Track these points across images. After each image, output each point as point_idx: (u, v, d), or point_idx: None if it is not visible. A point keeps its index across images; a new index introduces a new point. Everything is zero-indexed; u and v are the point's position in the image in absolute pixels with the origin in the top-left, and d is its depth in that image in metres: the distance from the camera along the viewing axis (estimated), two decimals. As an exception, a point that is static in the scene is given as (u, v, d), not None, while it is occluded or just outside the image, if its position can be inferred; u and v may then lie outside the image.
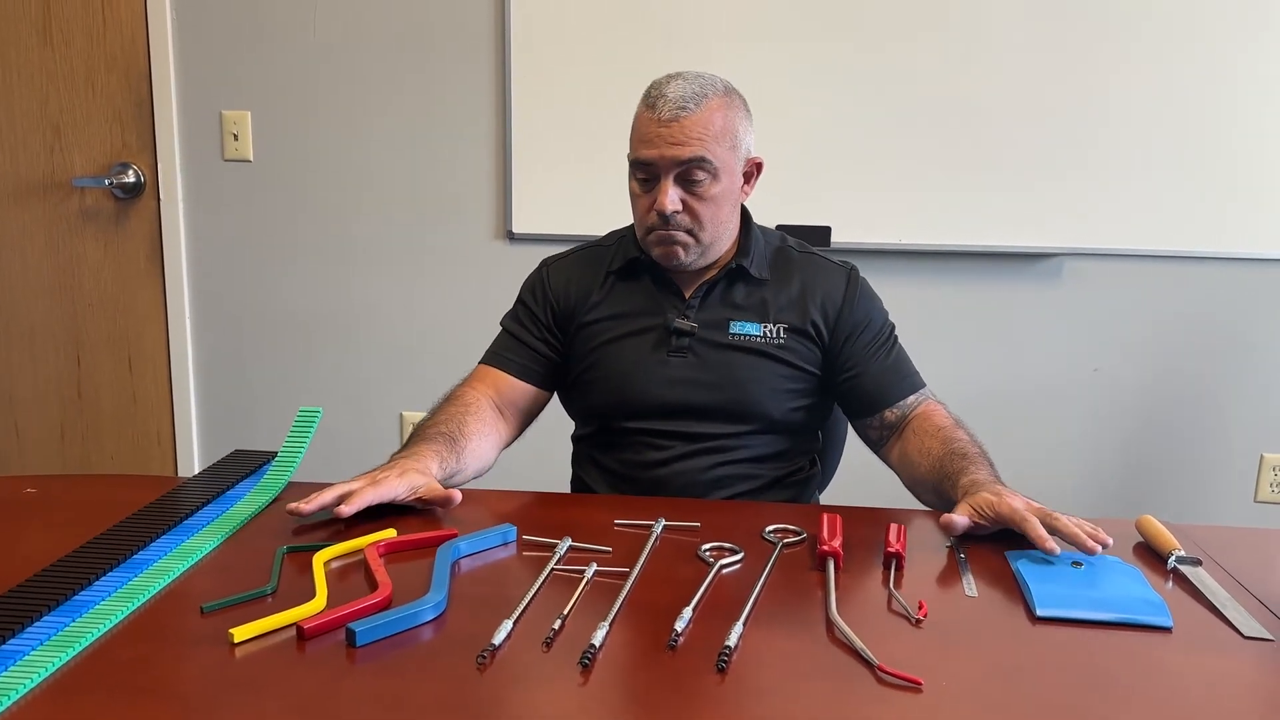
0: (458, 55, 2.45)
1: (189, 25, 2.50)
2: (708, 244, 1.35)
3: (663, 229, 1.32)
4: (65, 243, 2.63)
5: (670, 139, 1.27)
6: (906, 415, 1.39)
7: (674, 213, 1.30)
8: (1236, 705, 0.79)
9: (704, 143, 1.28)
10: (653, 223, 1.33)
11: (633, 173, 1.34)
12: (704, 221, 1.32)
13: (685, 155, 1.28)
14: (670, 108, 1.27)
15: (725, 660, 0.81)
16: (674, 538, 1.10)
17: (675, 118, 1.27)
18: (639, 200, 1.35)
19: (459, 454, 1.27)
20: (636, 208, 1.36)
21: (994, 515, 1.10)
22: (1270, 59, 2.29)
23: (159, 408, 2.70)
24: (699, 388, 1.37)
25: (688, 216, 1.31)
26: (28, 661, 0.79)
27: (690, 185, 1.30)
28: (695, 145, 1.28)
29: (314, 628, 0.85)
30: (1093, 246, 2.40)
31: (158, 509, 1.13)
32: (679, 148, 1.28)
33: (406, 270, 2.58)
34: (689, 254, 1.35)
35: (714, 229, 1.34)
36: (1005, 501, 1.10)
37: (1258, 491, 2.53)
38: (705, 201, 1.31)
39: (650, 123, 1.29)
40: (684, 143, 1.27)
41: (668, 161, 1.28)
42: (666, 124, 1.27)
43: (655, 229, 1.33)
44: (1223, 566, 1.07)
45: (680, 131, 1.27)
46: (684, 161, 1.28)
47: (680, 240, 1.33)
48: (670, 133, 1.27)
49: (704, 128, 1.28)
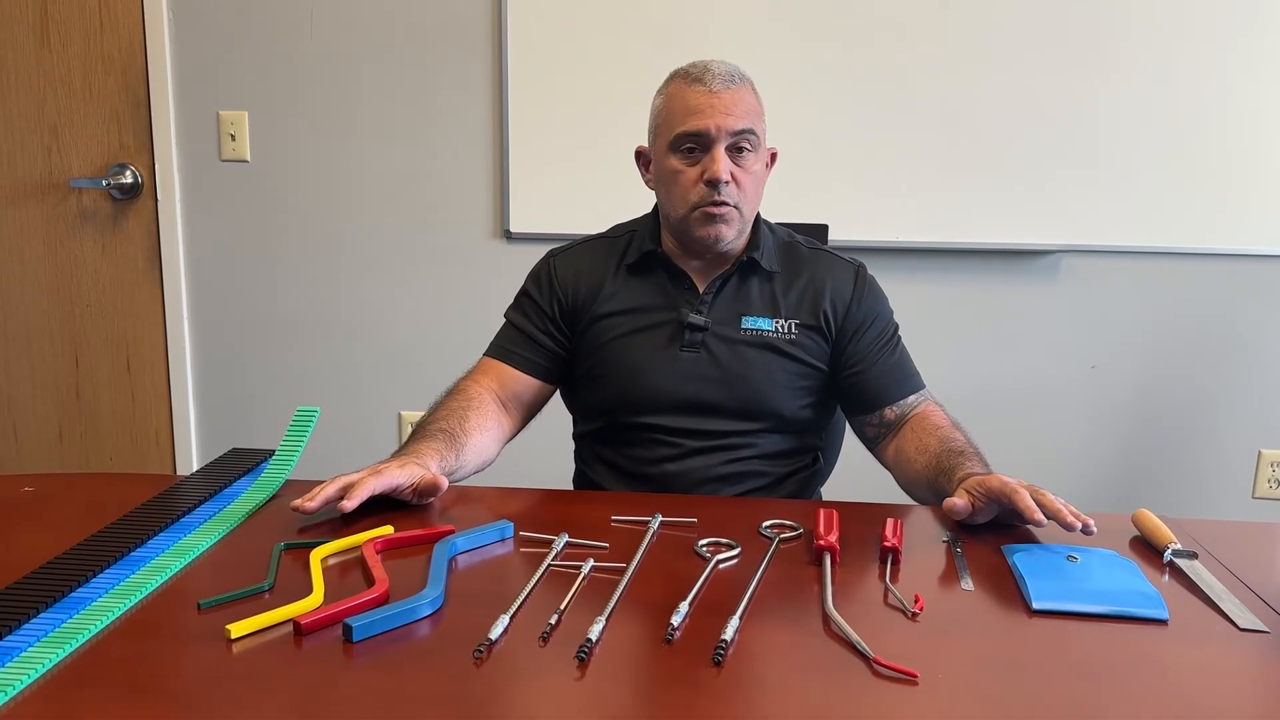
0: (455, 55, 2.46)
1: (186, 26, 2.50)
2: (747, 221, 1.36)
3: (712, 201, 1.31)
4: (63, 243, 2.63)
5: (724, 109, 1.29)
6: (905, 415, 1.39)
7: (725, 183, 1.30)
8: (1232, 696, 0.79)
9: (750, 116, 1.31)
10: (701, 196, 1.32)
11: (674, 148, 1.33)
12: (749, 194, 1.34)
13: (738, 125, 1.30)
14: (720, 81, 1.30)
15: (721, 654, 0.82)
16: (671, 533, 1.10)
17: (726, 88, 1.30)
18: (682, 176, 1.33)
19: (459, 451, 1.27)
20: (678, 184, 1.33)
21: (985, 491, 1.11)
22: (1263, 55, 2.29)
23: (157, 408, 2.70)
24: (711, 384, 1.37)
25: (735, 189, 1.32)
26: (25, 658, 0.79)
27: (737, 158, 1.31)
28: (744, 118, 1.30)
29: (311, 623, 0.85)
30: (1089, 243, 2.41)
31: (155, 506, 1.13)
32: (732, 118, 1.29)
33: (404, 269, 2.58)
34: (732, 229, 1.34)
35: (754, 204, 1.36)
36: (995, 476, 1.12)
37: (1256, 487, 2.54)
38: (750, 175, 1.33)
39: (700, 94, 1.30)
40: (736, 114, 1.30)
41: (723, 131, 1.29)
42: (718, 94, 1.29)
43: (704, 203, 1.32)
44: (1219, 560, 1.07)
45: (732, 102, 1.30)
46: (737, 132, 1.30)
47: (727, 215, 1.32)
48: (723, 103, 1.29)
49: (749, 104, 1.32)
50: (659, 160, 1.36)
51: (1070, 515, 1.06)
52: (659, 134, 1.36)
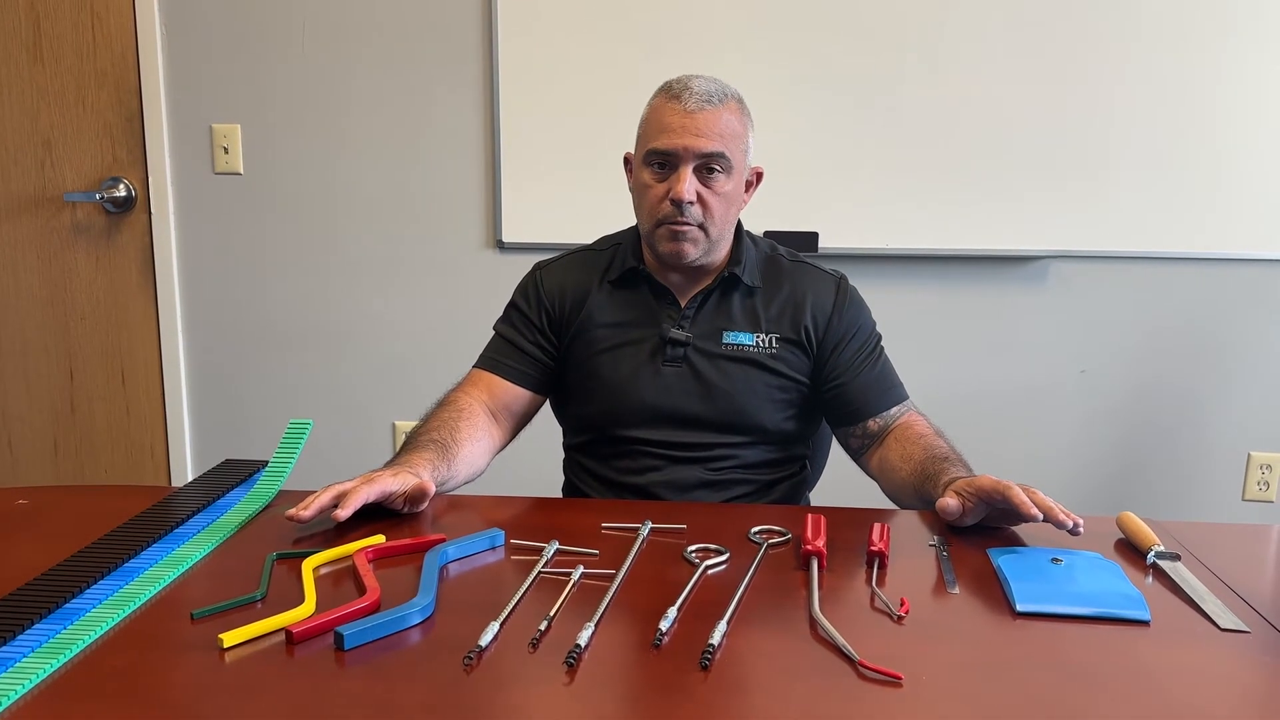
0: (446, 66, 2.47)
1: (178, 40, 2.52)
2: (714, 240, 1.36)
3: (675, 219, 1.33)
4: (57, 257, 2.64)
5: (694, 130, 1.30)
6: (889, 425, 1.40)
7: (689, 203, 1.31)
8: (1212, 696, 0.80)
9: (724, 139, 1.31)
10: (665, 213, 1.33)
11: (646, 163, 1.34)
12: (715, 216, 1.34)
13: (708, 148, 1.30)
14: (696, 100, 1.30)
15: (709, 658, 0.83)
16: (661, 540, 1.11)
17: (701, 109, 1.30)
18: (650, 191, 1.35)
19: (450, 461, 1.28)
20: (647, 198, 1.35)
21: (975, 491, 1.13)
22: (1250, 61, 2.32)
23: (152, 420, 2.70)
24: (693, 398, 1.38)
25: (700, 209, 1.33)
26: (20, 668, 0.80)
27: (706, 178, 1.32)
28: (717, 140, 1.30)
29: (303, 632, 0.86)
30: (1078, 249, 2.42)
31: (149, 517, 1.13)
32: (703, 140, 1.30)
33: (397, 280, 2.59)
34: (697, 248, 1.35)
35: (721, 226, 1.36)
36: (984, 477, 1.14)
37: (1245, 490, 2.55)
38: (718, 197, 1.33)
39: (674, 113, 1.31)
40: (707, 136, 1.30)
41: (690, 152, 1.30)
42: (691, 115, 1.30)
43: (667, 220, 1.33)
44: (1202, 561, 1.08)
45: (705, 124, 1.30)
46: (705, 154, 1.30)
47: (690, 234, 1.33)
48: (695, 124, 1.30)
49: (725, 125, 1.31)
50: (635, 172, 1.38)
51: (1062, 513, 1.08)
52: (637, 146, 1.38)
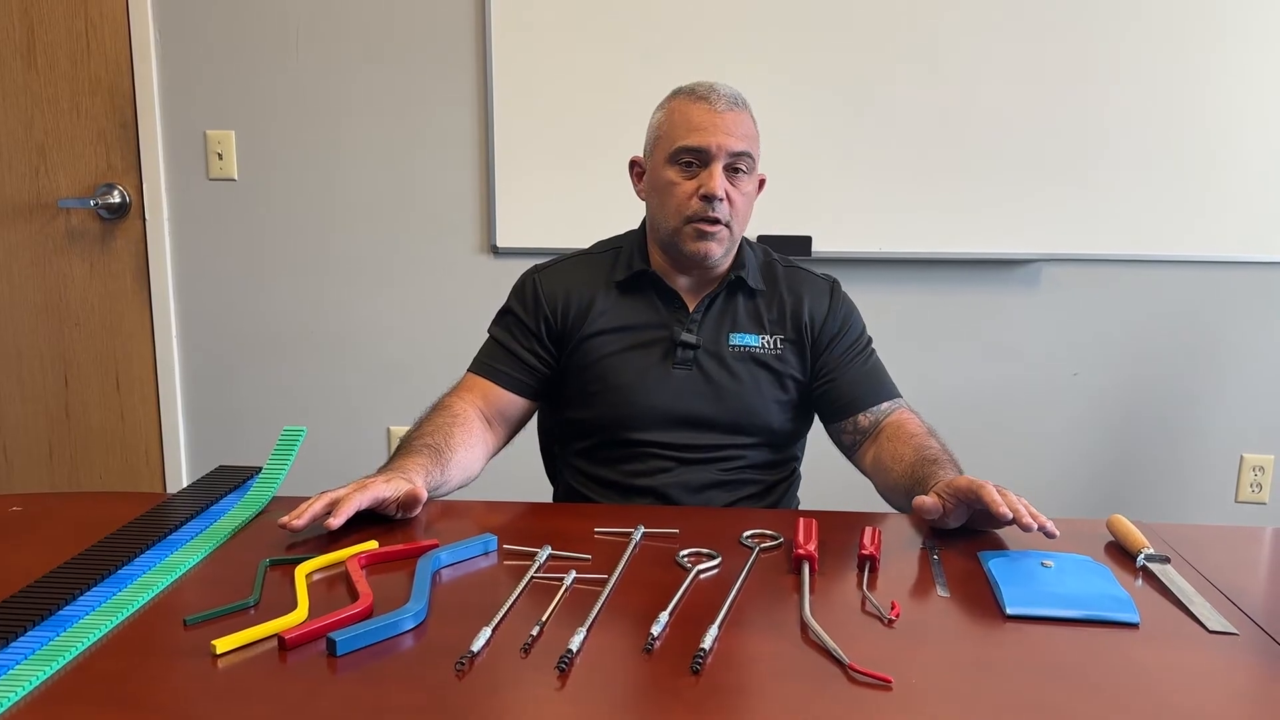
0: (439, 71, 2.48)
1: (172, 47, 2.52)
2: (735, 240, 1.40)
3: (705, 216, 1.35)
4: (52, 263, 2.64)
5: (725, 129, 1.33)
6: (880, 421, 1.41)
7: (719, 199, 1.33)
8: (1201, 697, 0.81)
9: (749, 141, 1.36)
10: (694, 210, 1.35)
11: (673, 161, 1.36)
12: (740, 215, 1.38)
13: (738, 147, 1.34)
14: (725, 102, 1.34)
15: (700, 662, 0.83)
16: (653, 544, 1.11)
17: (729, 110, 1.34)
18: (677, 188, 1.36)
19: (444, 466, 1.28)
20: (674, 196, 1.36)
21: (953, 492, 1.13)
22: (1241, 65, 2.33)
23: (147, 426, 2.70)
24: (704, 400, 1.40)
25: (728, 206, 1.35)
26: (13, 675, 0.80)
27: (733, 178, 1.35)
28: (744, 140, 1.35)
29: (295, 638, 0.86)
30: (1070, 252, 2.44)
31: (142, 524, 1.14)
32: (733, 139, 1.33)
33: (392, 285, 2.59)
34: (722, 248, 1.38)
35: (743, 226, 1.40)
36: (962, 477, 1.15)
37: (1238, 492, 2.56)
38: (743, 196, 1.37)
39: (704, 113, 1.34)
40: (737, 135, 1.34)
41: (722, 150, 1.33)
42: (721, 115, 1.33)
43: (696, 217, 1.35)
44: (1191, 564, 1.09)
45: (733, 124, 1.34)
46: (736, 153, 1.34)
47: (718, 234, 1.36)
48: (725, 123, 1.33)
49: (748, 128, 1.36)
50: (655, 171, 1.39)
51: (1028, 516, 1.08)
52: (658, 146, 1.38)
